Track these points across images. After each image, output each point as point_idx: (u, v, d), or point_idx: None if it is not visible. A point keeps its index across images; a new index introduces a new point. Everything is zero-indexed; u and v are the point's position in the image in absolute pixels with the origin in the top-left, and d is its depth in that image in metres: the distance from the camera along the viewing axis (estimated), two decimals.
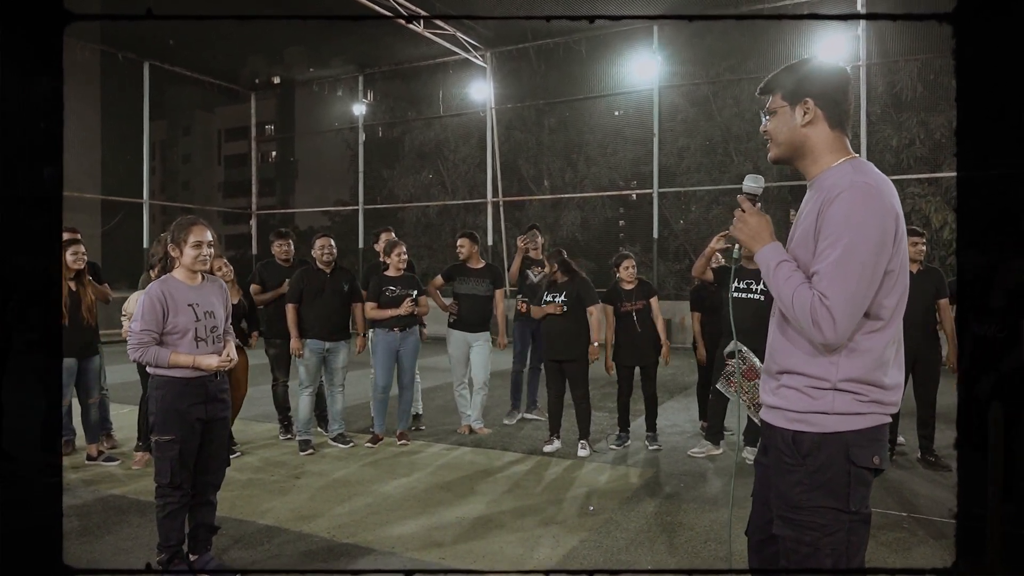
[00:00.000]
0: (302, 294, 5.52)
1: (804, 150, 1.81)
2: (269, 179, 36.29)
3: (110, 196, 21.21)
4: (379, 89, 22.60)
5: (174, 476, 3.11)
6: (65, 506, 4.23)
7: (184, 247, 3.19)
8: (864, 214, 1.64)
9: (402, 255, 5.68)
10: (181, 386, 3.14)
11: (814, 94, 1.78)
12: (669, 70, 14.94)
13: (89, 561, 3.40)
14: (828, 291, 1.64)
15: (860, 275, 1.63)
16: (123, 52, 15.29)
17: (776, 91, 1.84)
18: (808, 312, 1.66)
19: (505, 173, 15.86)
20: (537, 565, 3.38)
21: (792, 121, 1.80)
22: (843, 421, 1.72)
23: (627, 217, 24.09)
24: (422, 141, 22.86)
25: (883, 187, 1.69)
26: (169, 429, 3.11)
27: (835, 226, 1.65)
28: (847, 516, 1.72)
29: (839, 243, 1.63)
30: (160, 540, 3.17)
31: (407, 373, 5.76)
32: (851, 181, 1.68)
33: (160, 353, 3.09)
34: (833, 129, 1.79)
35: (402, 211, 21.93)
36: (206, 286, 3.29)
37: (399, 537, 3.73)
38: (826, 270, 1.65)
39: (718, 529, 3.84)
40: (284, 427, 6.01)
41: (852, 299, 1.64)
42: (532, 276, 6.53)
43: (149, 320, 3.08)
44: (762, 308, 5.10)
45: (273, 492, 4.54)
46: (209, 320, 3.22)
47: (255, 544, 3.66)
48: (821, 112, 1.78)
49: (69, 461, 5.20)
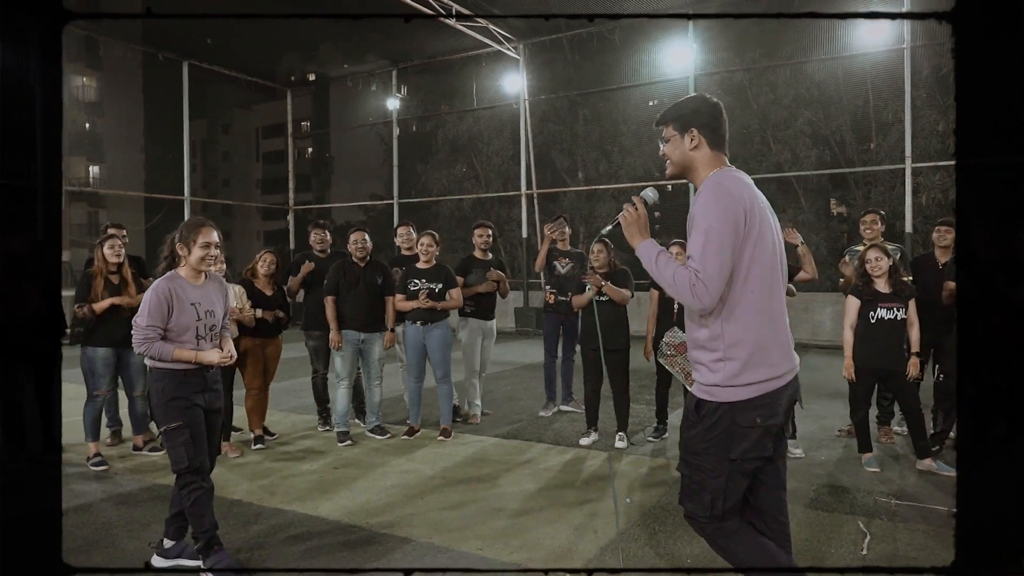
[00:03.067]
0: (338, 287, 5.58)
1: (691, 168, 2.31)
2: (305, 175, 36.76)
3: (153, 193, 21.68)
4: (412, 83, 22.67)
5: (192, 459, 3.18)
6: (112, 495, 4.35)
7: (192, 247, 3.26)
8: (714, 206, 2.13)
9: (426, 247, 5.67)
10: (181, 376, 3.23)
11: (698, 125, 2.28)
12: (704, 58, 14.70)
13: (136, 549, 3.49)
14: (700, 266, 2.11)
15: (719, 249, 2.10)
16: (163, 52, 15.57)
17: (669, 123, 2.33)
18: (686, 286, 2.12)
19: (539, 165, 15.81)
20: (578, 557, 3.36)
21: (682, 146, 2.30)
22: (732, 392, 2.19)
23: (662, 208, 23.84)
24: (455, 134, 22.90)
25: (732, 185, 2.18)
26: (175, 416, 3.19)
27: (697, 218, 2.15)
28: (729, 463, 2.21)
29: (701, 230, 2.13)
30: (193, 529, 3.21)
31: (439, 367, 5.74)
32: (707, 185, 2.20)
33: (164, 348, 3.17)
34: (713, 150, 2.28)
35: (436, 204, 22.03)
36: (208, 285, 3.37)
37: (437, 528, 3.74)
38: (695, 252, 2.13)
39: None
40: (323, 419, 6.08)
41: (719, 270, 2.11)
42: (560, 267, 6.48)
43: (155, 316, 3.16)
44: None
45: (312, 482, 4.59)
46: (209, 319, 3.32)
47: (294, 534, 3.71)
48: (703, 139, 2.28)
49: (116, 451, 5.34)
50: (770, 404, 2.20)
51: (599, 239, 5.55)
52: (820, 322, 11.80)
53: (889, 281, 4.75)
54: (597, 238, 4.95)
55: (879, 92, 16.14)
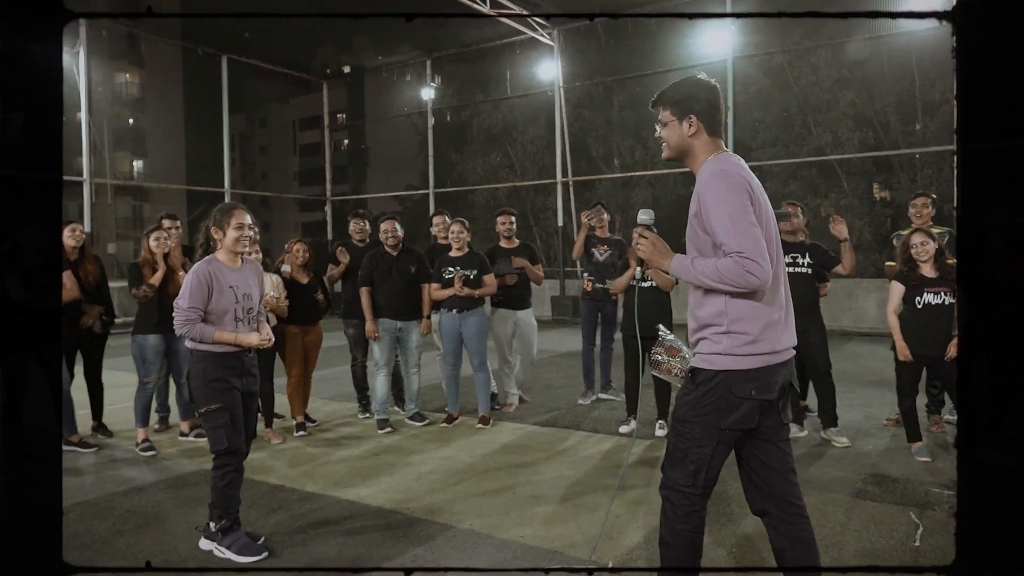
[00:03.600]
0: (372, 277, 5.61)
1: (689, 154, 2.32)
2: (342, 166, 37.12)
3: (194, 186, 22.11)
4: (446, 73, 22.71)
5: (231, 441, 3.25)
6: (160, 479, 4.46)
7: (227, 229, 3.34)
8: (726, 191, 2.14)
9: (457, 234, 5.67)
10: (220, 358, 3.29)
11: (696, 111, 2.27)
12: (742, 40, 14.37)
13: (184, 531, 3.56)
14: (739, 247, 2.09)
15: (748, 225, 2.11)
16: (202, 47, 15.81)
17: (668, 106, 2.31)
18: (737, 270, 2.09)
19: (574, 153, 15.67)
20: (620, 546, 3.34)
21: (680, 131, 2.29)
22: (732, 361, 2.19)
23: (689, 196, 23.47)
24: (490, 123, 22.85)
25: (732, 169, 2.19)
26: (215, 398, 3.25)
27: (712, 206, 2.15)
28: (717, 432, 2.22)
29: (723, 216, 2.12)
30: (219, 509, 3.28)
31: (476, 355, 5.73)
32: (710, 172, 2.20)
33: (205, 330, 3.25)
34: (711, 136, 2.29)
35: (471, 194, 22.03)
36: (245, 269, 3.45)
37: (478, 515, 3.75)
38: (728, 238, 2.11)
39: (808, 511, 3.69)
40: (363, 406, 6.14)
41: (757, 242, 2.10)
42: (597, 255, 6.42)
43: (196, 298, 3.23)
44: (809, 280, 4.95)
45: (353, 469, 4.64)
46: (246, 302, 3.39)
47: (335, 518, 3.75)
48: (702, 125, 2.28)
49: (165, 437, 5.47)
50: (767, 378, 2.23)
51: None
52: (864, 309, 11.52)
53: (935, 265, 4.61)
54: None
55: (925, 71, 15.63)
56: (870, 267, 15.99)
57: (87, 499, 4.09)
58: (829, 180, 17.77)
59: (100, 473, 4.63)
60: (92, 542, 3.46)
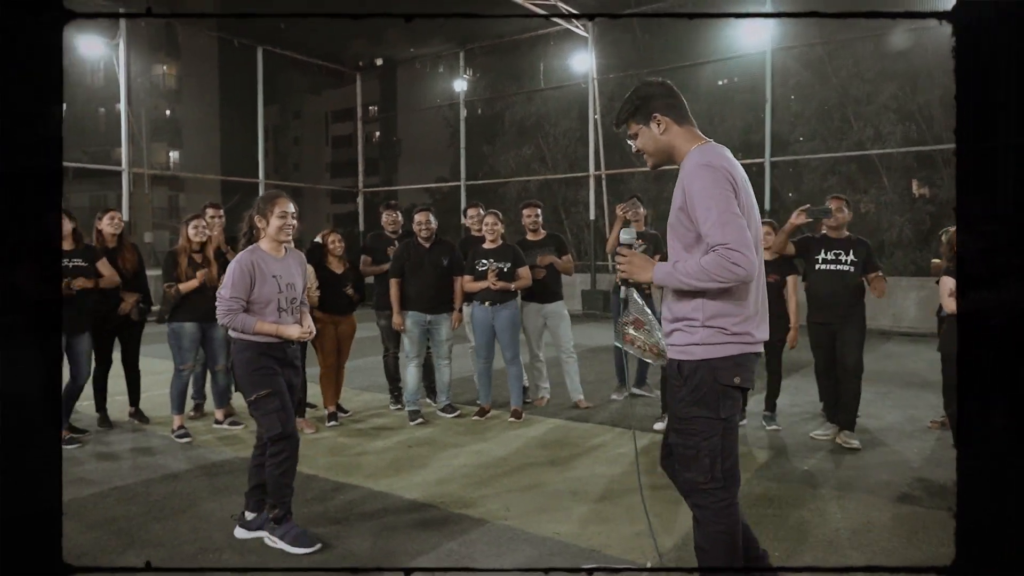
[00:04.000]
0: (403, 269, 5.57)
1: (671, 151, 2.31)
2: (373, 158, 37.29)
3: (229, 176, 22.36)
4: (479, 65, 22.60)
5: (284, 425, 3.22)
6: (195, 466, 4.49)
7: (270, 217, 3.31)
8: (711, 182, 2.13)
9: (491, 226, 5.60)
10: (263, 348, 3.27)
11: (658, 108, 2.29)
12: (781, 31, 14.05)
13: (220, 519, 3.57)
14: (723, 238, 2.07)
15: (732, 215, 2.09)
16: (239, 38, 15.95)
17: (630, 120, 2.34)
18: (723, 263, 2.07)
19: (606, 146, 15.50)
20: (660, 550, 3.26)
21: (653, 134, 2.30)
22: (709, 350, 2.22)
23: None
24: (523, 116, 22.69)
25: (716, 160, 2.18)
26: (262, 384, 3.23)
27: (698, 198, 2.14)
28: (719, 423, 2.24)
29: (709, 207, 2.11)
30: (273, 498, 3.23)
31: (508, 348, 5.67)
32: (695, 163, 2.19)
33: (247, 320, 3.22)
34: (682, 126, 2.30)
35: (503, 186, 21.95)
36: (288, 258, 3.42)
37: (513, 510, 3.70)
38: (712, 229, 2.09)
39: (850, 515, 3.59)
40: (394, 397, 6.13)
41: (742, 232, 2.09)
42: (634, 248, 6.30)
43: (239, 287, 3.21)
44: (851, 279, 4.79)
45: (386, 460, 4.63)
46: (290, 292, 3.36)
47: (369, 510, 3.73)
48: (669, 119, 2.29)
49: (202, 424, 5.52)
50: (747, 366, 2.26)
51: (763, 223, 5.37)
52: (904, 308, 11.23)
53: None
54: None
55: None
56: (910, 265, 15.58)
57: (124, 484, 4.13)
58: (869, 176, 17.32)
59: (136, 459, 4.68)
60: (128, 527, 3.48)
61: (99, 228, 5.35)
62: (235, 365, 3.32)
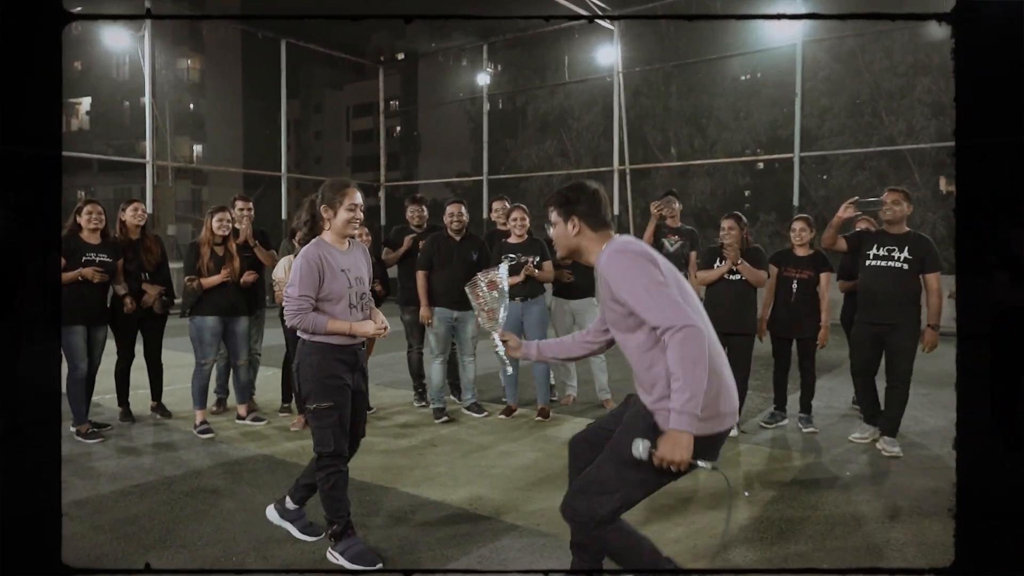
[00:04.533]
0: (432, 261, 5.43)
1: (579, 251, 2.46)
2: (394, 153, 37.25)
3: (251, 170, 22.41)
4: (502, 58, 22.43)
5: (337, 443, 3.02)
6: (219, 462, 4.39)
7: (339, 209, 3.01)
8: (628, 263, 2.25)
9: (519, 220, 5.44)
10: (335, 352, 3.04)
11: (579, 212, 2.41)
12: (812, 23, 13.70)
13: (244, 517, 3.47)
14: (666, 320, 2.15)
15: (662, 289, 2.19)
16: (262, 31, 15.92)
17: (553, 208, 2.47)
18: (687, 347, 2.12)
19: (630, 141, 15.28)
20: (701, 556, 3.11)
21: (566, 232, 2.43)
22: None
23: (754, 186, 22.68)
24: (546, 110, 22.49)
25: (625, 246, 2.31)
26: (327, 395, 3.00)
27: (622, 284, 2.25)
28: (654, 483, 2.31)
29: (636, 291, 2.21)
30: (329, 514, 3.05)
31: None
32: (607, 256, 2.31)
33: (318, 320, 2.97)
34: (596, 231, 2.42)
35: (525, 181, 21.78)
36: (354, 251, 3.17)
37: (544, 516, 3.54)
38: (652, 314, 2.18)
39: (899, 525, 3.41)
40: (419, 394, 6.01)
41: (676, 306, 2.16)
42: (668, 245, 6.15)
43: (307, 285, 2.95)
44: (904, 277, 4.54)
45: (412, 460, 4.50)
46: (359, 286, 3.11)
47: (398, 515, 3.60)
48: (584, 224, 2.41)
49: (225, 419, 5.43)
50: (715, 445, 2.31)
51: (799, 218, 5.21)
52: None
53: None
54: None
55: None
56: (943, 263, 15.21)
57: (146, 481, 4.04)
58: (900, 171, 16.93)
59: (157, 455, 4.60)
60: (151, 527, 3.38)
61: (122, 219, 5.28)
62: (300, 368, 3.07)
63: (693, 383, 2.11)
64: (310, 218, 3.17)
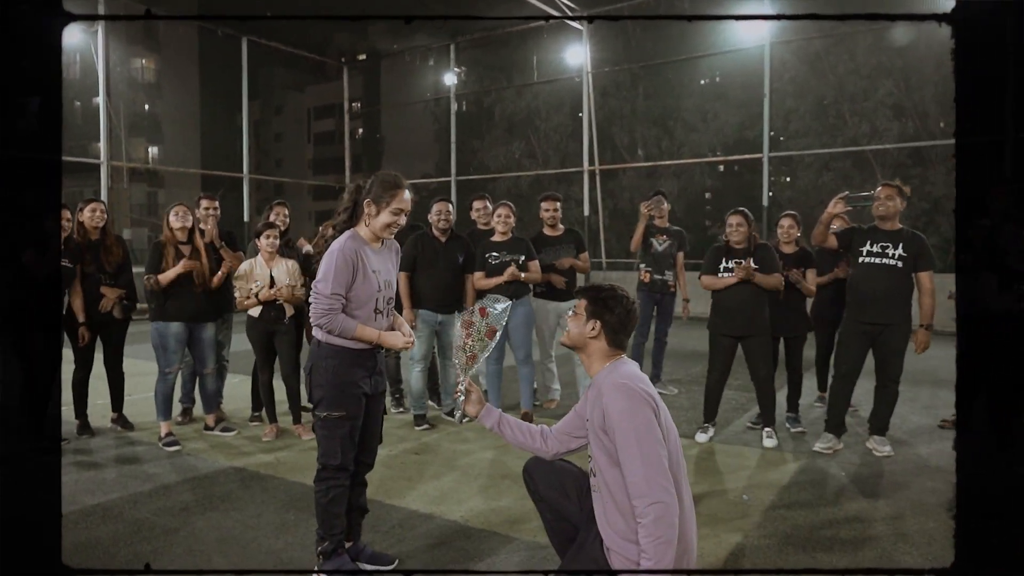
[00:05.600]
0: (415, 262, 5.21)
1: (585, 351, 2.43)
2: (356, 155, 36.74)
3: (212, 171, 21.80)
4: (468, 58, 22.23)
5: (344, 456, 2.79)
6: (187, 477, 4.11)
7: (383, 209, 2.75)
8: (632, 409, 2.19)
9: (504, 217, 5.23)
10: (354, 356, 2.77)
11: (605, 321, 2.38)
12: (780, 24, 13.82)
13: (218, 536, 3.22)
14: (652, 497, 2.10)
15: (658, 460, 2.15)
16: (223, 28, 15.47)
17: (584, 299, 2.43)
18: (662, 528, 2.09)
19: (598, 142, 15.23)
20: (702, 561, 2.97)
21: (583, 328, 2.40)
22: None
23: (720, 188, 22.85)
24: (513, 111, 22.36)
25: (636, 382, 2.26)
26: (341, 404, 2.75)
27: (618, 425, 2.19)
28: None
29: (628, 442, 2.16)
30: (322, 529, 2.83)
31: (521, 348, 5.33)
32: (615, 384, 2.25)
33: (347, 324, 2.70)
34: (610, 347, 2.39)
35: (492, 182, 21.60)
36: (385, 251, 2.90)
37: (539, 527, 3.36)
38: (639, 488, 2.13)
39: (899, 525, 3.32)
40: (396, 399, 5.79)
41: (666, 486, 2.13)
42: (656, 245, 6.07)
43: (341, 282, 2.67)
44: (898, 275, 4.40)
45: (395, 471, 4.28)
46: (387, 291, 2.85)
47: (385, 528, 3.39)
48: (605, 333, 2.38)
49: (191, 429, 5.14)
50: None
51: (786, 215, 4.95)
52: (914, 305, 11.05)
53: None
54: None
55: None
56: (936, 262, 15.50)
57: (108, 499, 3.74)
58: (864, 172, 17.23)
59: (120, 470, 4.29)
60: (115, 551, 3.11)
61: (80, 220, 4.94)
62: (314, 371, 2.81)
63: (664, 563, 2.09)
64: (351, 206, 2.86)
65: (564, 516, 2.57)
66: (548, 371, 5.88)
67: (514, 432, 2.66)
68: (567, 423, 2.58)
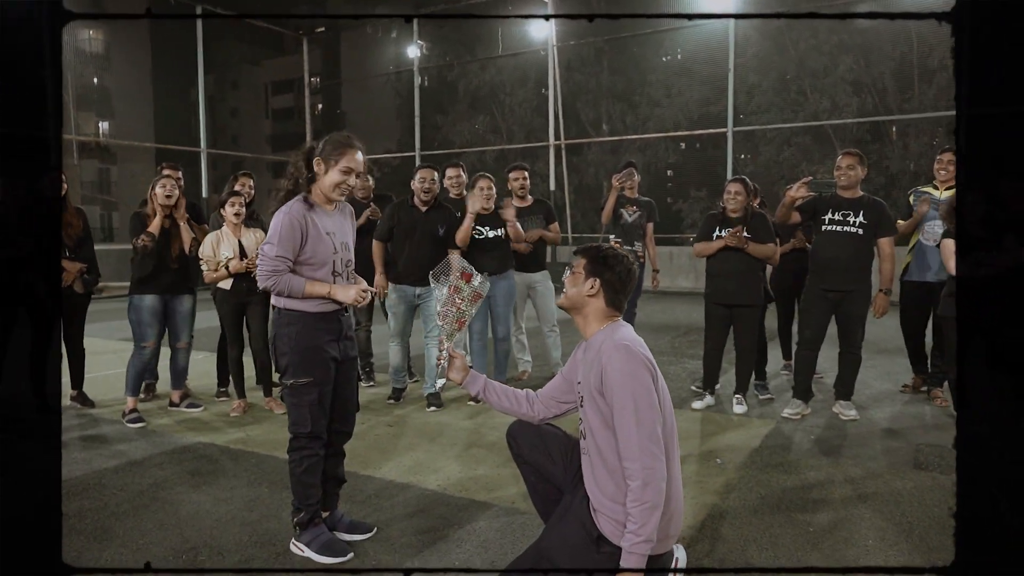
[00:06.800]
0: (392, 232, 5.08)
1: (581, 311, 2.37)
2: (317, 131, 36.07)
3: (168, 145, 21.15)
4: (431, 31, 21.87)
5: (315, 424, 2.74)
6: (156, 452, 4.02)
7: (331, 168, 2.70)
8: (631, 372, 2.17)
9: (486, 190, 5.09)
10: (316, 321, 2.73)
11: (604, 278, 2.33)
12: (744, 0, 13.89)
13: (193, 510, 3.15)
14: (643, 466, 2.11)
15: (652, 427, 2.15)
16: None
17: (583, 259, 2.38)
18: (650, 494, 2.10)
19: (565, 116, 15.17)
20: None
21: (582, 286, 2.34)
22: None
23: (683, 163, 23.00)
24: (477, 85, 22.11)
25: (636, 345, 2.23)
26: (306, 370, 2.71)
27: (616, 387, 2.16)
28: None
29: (625, 407, 2.14)
30: (297, 500, 2.79)
31: (502, 323, 5.27)
32: (614, 346, 2.21)
33: (294, 281, 2.66)
34: (608, 307, 2.34)
35: (458, 156, 21.41)
36: (339, 214, 2.85)
37: (519, 493, 3.37)
38: (632, 453, 2.13)
39: (899, 524, 3.41)
40: (366, 373, 5.72)
41: (657, 456, 2.14)
42: (626, 215, 6.08)
43: (286, 245, 2.64)
44: (859, 242, 4.47)
45: (367, 441, 4.25)
46: (345, 252, 2.81)
47: (365, 499, 3.36)
48: (604, 292, 2.33)
49: (155, 406, 5.02)
50: (658, 565, 2.27)
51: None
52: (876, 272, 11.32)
53: None
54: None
55: (924, 37, 15.33)
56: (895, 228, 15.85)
57: (73, 476, 3.64)
58: (824, 147, 17.52)
59: (85, 448, 4.16)
60: (85, 527, 3.02)
61: None
62: (277, 339, 2.76)
63: (649, 529, 2.10)
64: (302, 170, 2.78)
65: (547, 478, 2.56)
66: (519, 343, 5.88)
67: (499, 398, 2.62)
68: (554, 387, 2.56)
